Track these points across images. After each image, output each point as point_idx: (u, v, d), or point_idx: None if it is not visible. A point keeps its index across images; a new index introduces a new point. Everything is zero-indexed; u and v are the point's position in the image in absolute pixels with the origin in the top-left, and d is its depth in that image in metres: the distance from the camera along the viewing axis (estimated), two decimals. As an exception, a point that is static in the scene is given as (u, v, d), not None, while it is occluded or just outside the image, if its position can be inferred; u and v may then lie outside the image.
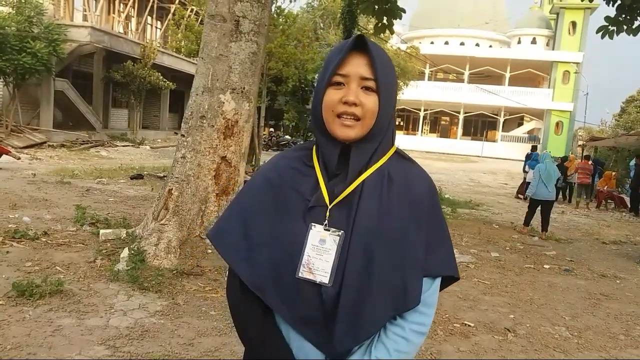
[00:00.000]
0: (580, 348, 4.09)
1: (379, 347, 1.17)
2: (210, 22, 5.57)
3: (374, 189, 1.19)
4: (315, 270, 1.15)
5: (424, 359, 3.61)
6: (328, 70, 1.17)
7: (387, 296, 1.15)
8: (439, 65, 40.65)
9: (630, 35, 8.53)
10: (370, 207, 1.17)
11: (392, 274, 1.15)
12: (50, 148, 16.33)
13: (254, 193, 1.27)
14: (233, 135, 5.66)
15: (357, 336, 1.15)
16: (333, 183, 1.20)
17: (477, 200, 13.29)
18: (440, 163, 28.38)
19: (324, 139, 1.21)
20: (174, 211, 5.39)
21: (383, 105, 1.18)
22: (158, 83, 22.45)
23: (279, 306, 1.18)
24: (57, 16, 19.82)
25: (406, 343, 1.17)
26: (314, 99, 1.23)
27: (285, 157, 1.30)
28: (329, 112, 1.17)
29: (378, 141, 1.20)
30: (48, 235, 5.73)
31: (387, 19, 9.73)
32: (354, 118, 1.15)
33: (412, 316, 1.18)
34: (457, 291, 5.25)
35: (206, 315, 4.01)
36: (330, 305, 1.14)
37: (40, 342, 3.30)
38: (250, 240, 1.21)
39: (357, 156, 1.19)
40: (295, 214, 1.19)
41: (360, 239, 1.15)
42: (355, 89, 1.16)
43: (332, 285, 1.14)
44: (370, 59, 1.17)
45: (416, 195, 1.21)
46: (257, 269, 1.18)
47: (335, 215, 1.17)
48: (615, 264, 7.31)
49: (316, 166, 1.23)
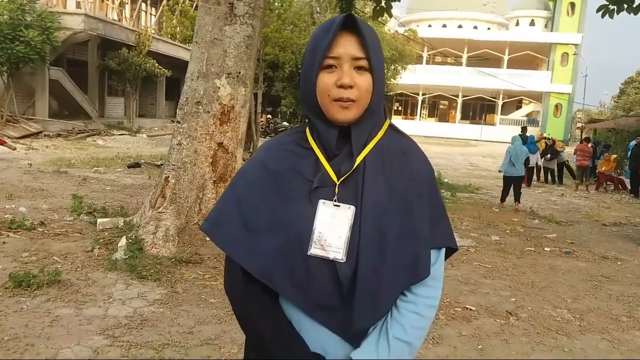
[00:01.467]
0: (582, 330, 4.07)
1: (395, 326, 1.15)
2: (204, 6, 5.46)
3: (376, 164, 1.18)
4: (327, 246, 1.12)
5: (426, 344, 3.59)
6: (318, 53, 1.13)
7: (401, 268, 1.15)
8: (437, 48, 40.35)
9: (631, 14, 8.42)
10: (376, 182, 1.16)
11: (403, 247, 1.15)
12: (46, 138, 16.24)
13: (250, 179, 1.23)
14: (229, 120, 5.58)
15: (378, 311, 1.14)
16: (334, 162, 1.17)
17: (476, 184, 13.25)
18: (439, 147, 28.32)
19: (321, 122, 1.18)
20: (171, 199, 5.33)
21: (377, 83, 1.16)
22: (154, 70, 22.29)
23: (290, 292, 1.14)
24: (49, 4, 19.57)
25: (420, 318, 1.17)
26: (305, 84, 1.18)
27: (278, 142, 1.27)
28: (324, 97, 1.14)
29: (375, 118, 1.20)
30: (45, 225, 5.68)
31: (385, 2, 9.59)
32: (350, 100, 1.13)
33: (422, 290, 1.18)
34: (458, 275, 5.23)
35: (206, 303, 3.98)
36: (346, 282, 1.12)
37: (38, 332, 3.27)
38: (250, 228, 1.17)
39: (358, 135, 1.18)
40: (299, 196, 1.16)
41: (370, 214, 1.14)
42: (349, 70, 1.13)
43: (346, 262, 1.12)
44: (361, 37, 1.14)
45: (416, 170, 1.22)
46: (262, 257, 1.14)
47: (342, 193, 1.15)
48: (615, 246, 7.29)
49: (315, 147, 1.19)
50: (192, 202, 5.45)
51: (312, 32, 1.23)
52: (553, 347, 3.70)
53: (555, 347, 3.70)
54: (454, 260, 5.73)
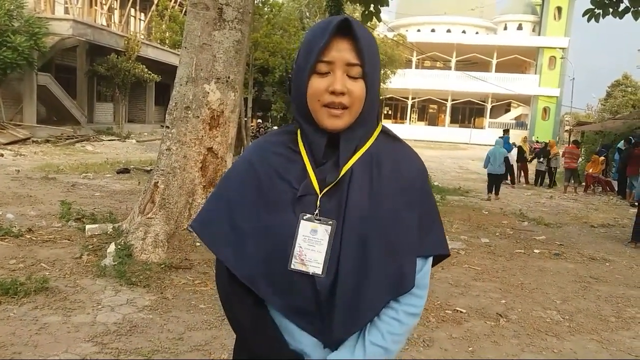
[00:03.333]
0: (571, 331, 4.09)
1: (373, 331, 1.15)
2: (193, 11, 5.45)
3: (363, 174, 1.15)
4: (307, 261, 1.11)
5: (417, 347, 3.59)
6: (311, 57, 1.10)
7: (384, 281, 1.12)
8: (426, 53, 40.62)
9: (617, 17, 8.53)
10: (361, 194, 1.13)
11: (388, 259, 1.13)
12: (34, 144, 16.09)
13: (238, 181, 1.21)
14: (219, 125, 5.57)
15: (356, 323, 1.13)
16: (321, 171, 1.15)
17: (466, 187, 13.33)
18: (429, 151, 28.40)
19: (310, 128, 1.15)
20: (160, 204, 5.30)
21: (370, 91, 1.13)
22: (143, 76, 22.19)
23: (271, 297, 1.14)
24: (37, 9, 19.42)
25: (399, 325, 1.15)
26: (297, 88, 1.16)
27: (268, 141, 1.24)
28: (314, 102, 1.11)
29: (365, 127, 1.17)
30: (32, 231, 5.62)
31: (374, 7, 9.64)
32: (341, 107, 1.10)
33: (405, 298, 1.16)
34: (449, 277, 5.25)
35: (196, 308, 3.96)
36: (325, 295, 1.11)
37: (25, 340, 3.23)
38: (237, 231, 1.16)
39: (346, 144, 1.15)
40: (284, 203, 1.14)
41: (353, 227, 1.12)
42: (341, 76, 1.10)
43: (326, 275, 1.11)
44: (356, 43, 1.10)
45: (406, 177, 1.18)
46: (247, 261, 1.14)
47: (325, 204, 1.13)
48: (604, 247, 7.35)
49: (303, 153, 1.17)
50: (181, 208, 5.43)
51: (307, 31, 1.22)
52: (543, 349, 3.72)
53: (545, 349, 3.72)
54: (445, 263, 5.75)
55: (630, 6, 8.43)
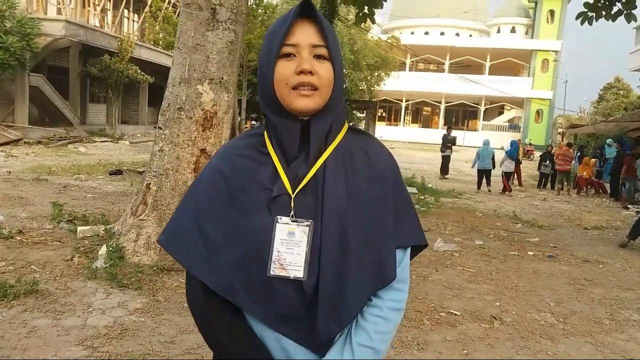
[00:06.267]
0: (566, 334, 4.08)
1: (359, 332, 1.12)
2: (186, 11, 5.41)
3: (336, 168, 1.13)
4: (287, 265, 1.08)
5: (411, 350, 3.57)
6: (275, 42, 1.08)
7: (366, 275, 1.11)
8: (420, 55, 40.70)
9: (609, 20, 8.57)
10: (337, 188, 1.12)
11: (368, 252, 1.11)
12: (26, 145, 15.97)
13: (206, 189, 1.16)
14: (212, 126, 5.53)
15: (341, 320, 1.10)
16: (293, 167, 1.12)
17: (459, 189, 13.34)
18: (423, 153, 28.46)
19: (279, 119, 1.12)
20: (152, 206, 5.25)
21: (338, 73, 1.12)
22: (136, 77, 22.10)
23: (252, 307, 1.09)
24: (30, 10, 19.32)
25: (385, 322, 1.13)
26: (262, 75, 1.13)
27: (234, 146, 1.20)
28: (282, 86, 1.08)
29: (335, 114, 1.14)
30: (23, 233, 5.56)
31: (368, 8, 9.63)
32: (311, 88, 1.08)
33: (387, 294, 1.14)
34: (442, 280, 5.23)
35: (188, 311, 3.88)
36: (309, 296, 1.08)
37: (14, 344, 3.18)
38: (209, 241, 1.11)
39: (317, 130, 1.12)
40: (257, 206, 1.10)
41: (332, 224, 1.09)
42: (308, 57, 1.08)
43: (309, 277, 1.08)
44: (319, 25, 1.10)
45: (378, 169, 1.18)
46: (223, 271, 1.09)
47: (301, 203, 1.10)
48: (597, 249, 7.37)
49: (272, 153, 1.14)
50: (174, 209, 5.38)
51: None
52: (537, 351, 3.71)
53: (540, 351, 3.71)
54: (439, 265, 5.74)
55: (623, 9, 8.48)
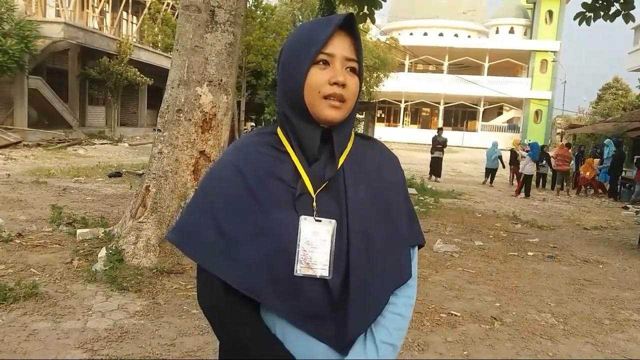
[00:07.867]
0: (566, 334, 4.08)
1: (380, 330, 1.13)
2: (185, 13, 5.42)
3: (354, 170, 1.17)
4: (313, 264, 1.08)
5: (412, 352, 3.56)
6: (312, 47, 1.09)
7: (387, 274, 1.15)
8: (419, 56, 40.68)
9: (607, 21, 8.57)
10: (357, 191, 1.14)
11: (389, 253, 1.15)
12: (25, 148, 15.96)
13: (222, 185, 1.14)
14: (211, 128, 5.53)
15: (368, 319, 1.12)
16: (313, 169, 1.13)
17: (459, 190, 13.34)
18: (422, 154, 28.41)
19: (303, 122, 1.12)
20: (152, 208, 5.25)
21: (360, 88, 1.17)
22: (135, 79, 22.09)
23: (279, 306, 1.08)
24: (28, 12, 19.33)
25: (402, 319, 1.17)
26: (289, 77, 1.13)
27: (249, 142, 1.18)
28: (314, 93, 1.09)
29: (351, 125, 1.19)
30: (22, 236, 5.55)
31: (368, 8, 9.62)
32: (340, 100, 1.10)
33: (402, 291, 1.18)
34: (443, 281, 5.23)
35: (188, 314, 3.91)
36: (336, 296, 1.08)
37: (14, 347, 3.17)
38: (227, 237, 1.08)
39: (339, 138, 1.15)
40: (280, 203, 1.09)
41: (357, 223, 1.12)
42: (342, 69, 1.10)
43: (335, 276, 1.09)
44: (355, 40, 1.13)
45: (392, 173, 1.23)
46: (246, 269, 1.07)
47: (323, 203, 1.11)
48: (597, 250, 7.37)
49: (291, 152, 1.14)
50: (173, 212, 5.37)
51: (300, 25, 1.21)
52: (538, 352, 3.70)
53: (540, 352, 3.71)
54: (438, 266, 5.74)
55: (621, 9, 8.48)
